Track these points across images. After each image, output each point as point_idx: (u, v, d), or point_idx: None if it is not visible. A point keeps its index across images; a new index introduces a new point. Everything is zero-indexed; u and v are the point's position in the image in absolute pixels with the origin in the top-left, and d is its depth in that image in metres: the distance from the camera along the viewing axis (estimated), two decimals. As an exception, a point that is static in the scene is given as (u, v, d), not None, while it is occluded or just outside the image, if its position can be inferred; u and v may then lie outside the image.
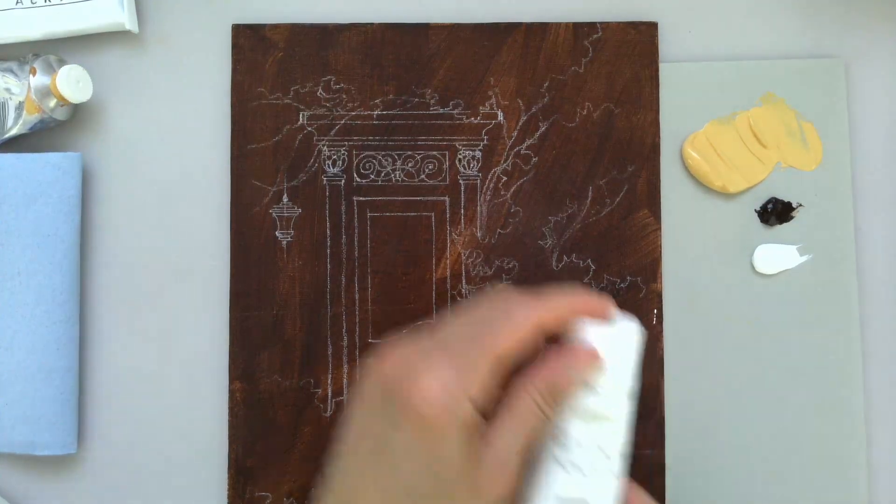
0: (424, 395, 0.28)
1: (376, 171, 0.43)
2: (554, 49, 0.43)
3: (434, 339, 0.30)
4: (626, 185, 0.43)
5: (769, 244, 0.43)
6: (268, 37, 0.43)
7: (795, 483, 0.42)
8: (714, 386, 0.43)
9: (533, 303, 0.30)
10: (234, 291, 0.42)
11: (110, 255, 0.43)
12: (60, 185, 0.42)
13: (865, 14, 0.44)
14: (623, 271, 0.42)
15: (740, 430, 0.42)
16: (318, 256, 0.42)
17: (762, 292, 0.43)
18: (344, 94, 0.43)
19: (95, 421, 0.43)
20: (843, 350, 0.43)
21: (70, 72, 0.41)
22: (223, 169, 0.43)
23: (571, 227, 0.42)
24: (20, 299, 0.41)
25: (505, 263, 0.42)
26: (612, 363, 0.31)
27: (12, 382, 0.41)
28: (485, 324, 0.30)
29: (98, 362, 0.43)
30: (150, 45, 0.44)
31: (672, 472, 0.42)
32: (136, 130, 0.44)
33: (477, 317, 0.31)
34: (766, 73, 0.43)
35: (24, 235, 0.41)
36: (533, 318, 0.30)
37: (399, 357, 0.30)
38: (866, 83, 0.44)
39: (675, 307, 0.43)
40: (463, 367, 0.29)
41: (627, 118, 0.43)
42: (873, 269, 0.43)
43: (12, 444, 0.41)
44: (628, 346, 0.32)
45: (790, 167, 0.43)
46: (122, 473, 0.43)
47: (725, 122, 0.43)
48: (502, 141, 0.43)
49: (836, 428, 0.42)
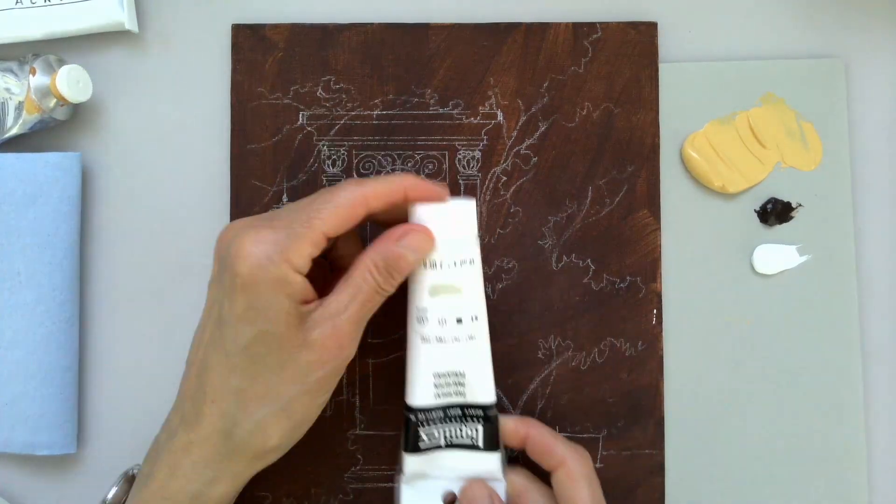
0: (243, 256, 0.32)
1: (376, 170, 0.43)
2: (554, 49, 0.43)
3: (264, 216, 0.34)
4: (626, 185, 0.43)
5: (769, 244, 0.43)
6: (268, 37, 0.43)
7: (795, 483, 0.42)
8: (714, 386, 0.43)
9: (357, 185, 0.34)
10: (234, 291, 0.42)
11: (110, 255, 0.43)
12: (60, 185, 0.42)
13: (865, 14, 0.44)
14: (623, 271, 0.42)
15: (740, 430, 0.42)
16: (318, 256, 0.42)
17: (762, 292, 0.43)
18: (344, 94, 0.43)
19: (95, 421, 0.43)
20: (843, 350, 0.43)
21: (70, 72, 0.41)
22: (223, 169, 0.43)
23: (571, 227, 0.42)
24: (20, 299, 0.41)
25: (505, 263, 0.42)
26: (447, 237, 0.35)
27: (12, 382, 0.41)
28: (310, 203, 0.34)
29: (98, 362, 0.43)
30: (150, 45, 0.44)
31: (672, 472, 0.42)
32: (136, 130, 0.44)
33: (306, 200, 0.34)
34: (766, 73, 0.43)
35: (24, 235, 0.41)
36: (356, 196, 0.33)
37: (231, 228, 0.33)
38: (866, 83, 0.44)
39: (675, 307, 0.43)
40: (283, 235, 0.32)
41: (627, 118, 0.43)
42: (873, 269, 0.43)
43: (12, 444, 0.41)
44: (464, 220, 0.35)
45: (790, 167, 0.43)
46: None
47: (725, 122, 0.43)
48: (502, 141, 0.43)
49: (836, 428, 0.42)
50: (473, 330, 0.36)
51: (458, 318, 0.35)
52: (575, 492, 0.35)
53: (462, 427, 0.37)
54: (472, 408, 0.36)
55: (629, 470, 0.42)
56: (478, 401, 0.36)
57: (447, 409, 0.36)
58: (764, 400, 0.42)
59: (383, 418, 0.41)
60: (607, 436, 0.42)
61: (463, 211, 0.36)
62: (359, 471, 0.42)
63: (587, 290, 0.42)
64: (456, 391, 0.36)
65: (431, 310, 0.35)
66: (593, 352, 0.42)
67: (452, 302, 0.35)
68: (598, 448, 0.42)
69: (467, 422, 0.37)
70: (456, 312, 0.35)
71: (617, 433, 0.42)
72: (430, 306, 0.35)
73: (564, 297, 0.42)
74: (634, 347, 0.42)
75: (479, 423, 0.37)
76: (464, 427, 0.37)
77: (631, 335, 0.42)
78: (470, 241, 0.36)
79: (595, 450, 0.41)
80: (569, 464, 0.36)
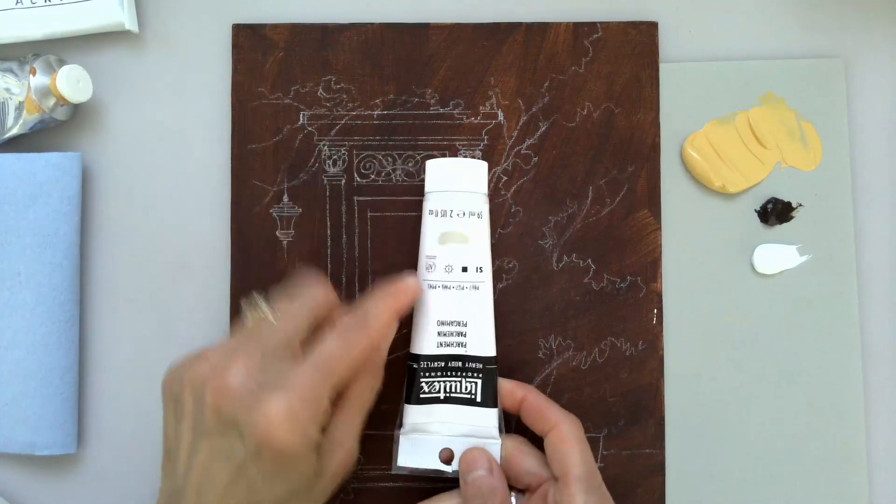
0: (279, 434, 0.32)
1: (377, 170, 0.43)
2: (554, 49, 0.43)
3: (251, 354, 0.34)
4: (626, 185, 0.43)
5: (769, 244, 0.43)
6: (268, 37, 0.43)
7: (795, 483, 0.42)
8: (714, 386, 0.43)
9: (361, 334, 0.34)
10: (234, 291, 0.42)
11: (110, 255, 0.43)
12: (60, 185, 0.42)
13: (865, 14, 0.44)
14: (623, 271, 0.42)
15: (740, 430, 0.42)
16: (318, 256, 0.42)
17: (762, 292, 0.43)
18: (344, 94, 0.43)
19: (95, 421, 0.43)
20: (843, 350, 0.43)
21: (70, 72, 0.41)
22: (223, 169, 0.43)
23: (571, 227, 0.42)
24: (20, 299, 0.41)
25: (505, 263, 0.42)
26: (458, 188, 0.39)
27: (12, 382, 0.41)
28: (326, 362, 0.34)
29: (98, 362, 0.43)
30: (150, 45, 0.44)
31: (672, 472, 0.42)
32: (136, 130, 0.44)
33: (317, 358, 0.34)
34: (766, 73, 0.43)
35: (25, 235, 0.41)
36: (363, 346, 0.34)
37: (232, 381, 0.33)
38: (866, 83, 0.44)
39: (675, 307, 0.43)
40: (312, 406, 0.33)
41: (627, 118, 0.43)
42: (873, 269, 0.43)
43: (12, 444, 0.41)
44: (475, 176, 0.40)
45: (790, 167, 0.43)
46: (122, 473, 0.43)
47: (725, 122, 0.43)
48: (502, 141, 0.43)
49: (836, 428, 0.42)
50: (478, 280, 0.38)
51: (463, 266, 0.38)
52: (566, 454, 0.36)
53: (462, 381, 0.38)
54: (473, 360, 0.38)
55: (629, 470, 0.42)
56: (478, 353, 0.38)
57: (449, 361, 0.38)
58: (764, 400, 0.42)
59: (384, 418, 0.41)
60: (607, 435, 0.42)
61: (475, 167, 0.40)
62: (359, 471, 0.42)
63: (588, 290, 0.42)
64: (457, 342, 0.38)
65: (440, 257, 0.38)
66: (594, 351, 0.42)
67: (459, 250, 0.38)
68: (598, 448, 0.42)
69: (467, 375, 0.38)
70: (462, 261, 0.38)
71: (617, 433, 0.42)
72: (438, 253, 0.38)
73: (565, 297, 0.42)
74: (635, 347, 0.42)
75: (478, 377, 0.38)
76: (463, 381, 0.38)
77: (631, 335, 0.42)
78: (479, 195, 0.39)
79: (595, 449, 0.42)
80: (561, 427, 0.37)
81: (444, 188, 0.39)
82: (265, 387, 0.32)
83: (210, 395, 0.33)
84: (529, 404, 0.38)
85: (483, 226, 0.39)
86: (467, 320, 0.38)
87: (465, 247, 0.38)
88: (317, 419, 0.33)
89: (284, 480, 0.33)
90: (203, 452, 0.33)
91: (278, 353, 0.34)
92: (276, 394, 0.32)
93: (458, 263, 0.38)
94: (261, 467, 0.32)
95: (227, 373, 0.33)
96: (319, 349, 0.34)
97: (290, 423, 0.32)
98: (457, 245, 0.38)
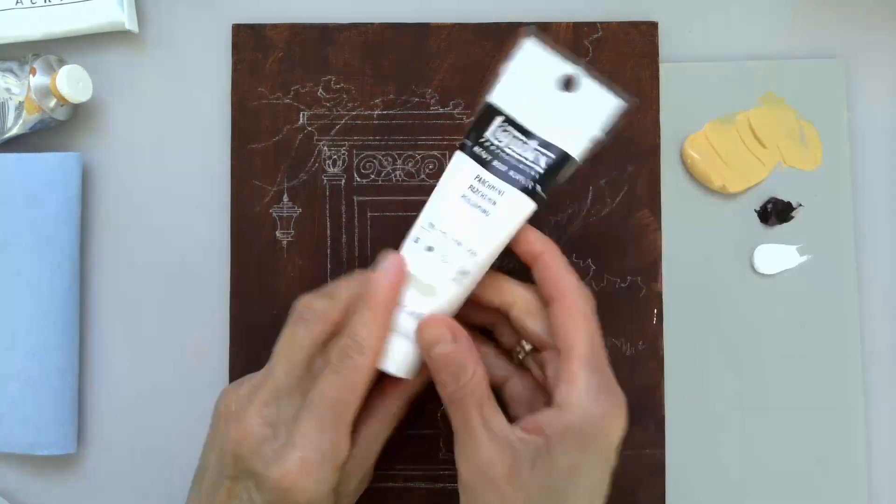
0: (300, 491, 0.32)
1: (377, 170, 0.43)
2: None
3: (265, 400, 0.33)
4: (626, 185, 0.43)
5: (769, 244, 0.43)
6: (268, 37, 0.43)
7: (795, 483, 0.42)
8: (714, 386, 0.43)
9: (357, 362, 0.33)
10: (235, 291, 0.42)
11: (110, 256, 0.43)
12: (60, 185, 0.42)
13: (865, 14, 0.44)
14: (623, 271, 0.42)
15: (740, 430, 0.42)
16: (318, 256, 0.42)
17: (762, 292, 0.43)
18: (344, 93, 0.43)
19: (95, 421, 0.43)
20: (843, 350, 0.43)
21: (70, 72, 0.41)
22: (223, 169, 0.43)
23: (571, 227, 0.42)
24: (20, 299, 0.41)
25: (505, 263, 0.42)
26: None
27: (12, 382, 0.41)
28: (340, 412, 0.33)
29: (98, 362, 0.43)
30: (150, 45, 0.44)
31: (672, 472, 0.42)
32: (136, 130, 0.44)
33: (327, 395, 0.33)
34: (766, 73, 0.43)
35: (25, 236, 0.41)
36: (364, 372, 0.33)
37: (255, 437, 0.33)
38: (866, 83, 0.44)
39: (675, 307, 0.43)
40: (330, 463, 0.33)
41: (627, 118, 0.43)
42: (873, 269, 0.43)
43: (12, 444, 0.41)
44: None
45: (790, 167, 0.43)
46: (122, 473, 0.43)
47: (725, 122, 0.43)
48: (502, 141, 0.43)
49: (836, 428, 0.42)
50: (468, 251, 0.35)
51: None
52: (572, 330, 0.33)
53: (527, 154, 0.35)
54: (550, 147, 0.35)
55: (629, 470, 0.42)
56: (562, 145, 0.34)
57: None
58: (764, 400, 0.42)
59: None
60: (607, 436, 0.42)
61: None
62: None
63: (587, 290, 0.42)
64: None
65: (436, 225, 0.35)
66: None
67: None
68: (598, 448, 0.42)
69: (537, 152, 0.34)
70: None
71: (617, 433, 0.42)
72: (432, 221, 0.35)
73: (565, 297, 0.42)
74: (635, 347, 0.42)
75: (546, 159, 0.34)
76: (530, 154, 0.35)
77: (631, 335, 0.42)
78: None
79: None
80: (570, 298, 0.33)
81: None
82: (279, 436, 0.32)
83: (229, 444, 0.33)
84: (545, 263, 0.34)
85: None
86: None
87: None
88: (336, 463, 0.33)
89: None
90: (223, 492, 0.33)
91: (292, 394, 0.33)
92: (291, 449, 0.32)
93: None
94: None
95: (245, 416, 0.33)
96: (321, 391, 0.33)
97: (308, 477, 0.32)
98: None
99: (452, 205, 0.34)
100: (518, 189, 0.34)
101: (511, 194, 0.34)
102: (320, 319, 0.34)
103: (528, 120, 0.34)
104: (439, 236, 0.34)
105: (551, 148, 0.34)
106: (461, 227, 0.34)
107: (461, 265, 0.34)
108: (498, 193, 0.34)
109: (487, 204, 0.34)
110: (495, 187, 0.34)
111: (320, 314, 0.34)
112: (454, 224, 0.34)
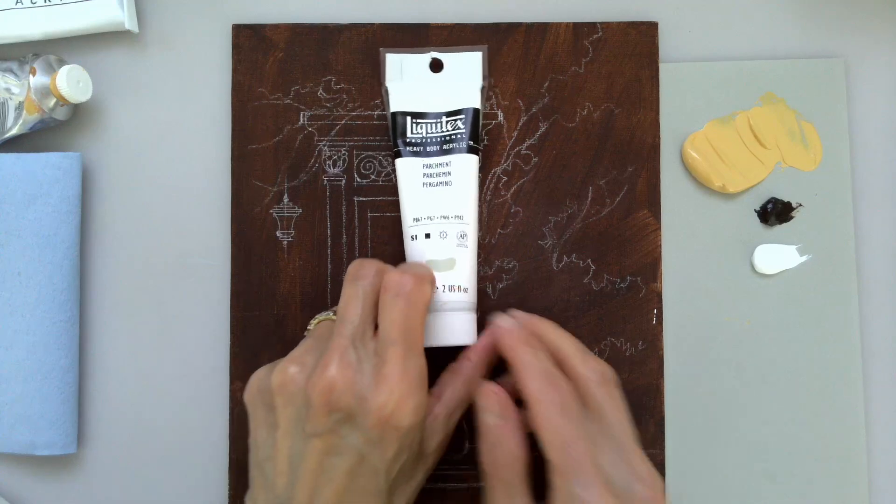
0: (406, 413, 0.33)
1: (377, 171, 0.43)
2: (554, 49, 0.43)
3: (370, 357, 0.35)
4: (626, 185, 0.43)
5: (769, 244, 0.43)
6: (268, 37, 0.43)
7: (795, 483, 0.42)
8: (714, 386, 0.43)
9: (421, 286, 0.36)
10: (235, 291, 0.42)
11: (110, 255, 0.43)
12: (60, 185, 0.42)
13: (865, 14, 0.44)
14: (623, 271, 0.42)
15: (740, 430, 0.42)
16: (318, 256, 0.42)
17: (762, 292, 0.43)
18: (344, 94, 0.43)
19: (95, 421, 0.43)
20: (843, 350, 0.43)
21: (70, 72, 0.41)
22: (223, 169, 0.43)
23: (571, 227, 0.42)
24: (20, 299, 0.41)
25: (505, 263, 0.42)
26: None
27: (12, 382, 0.41)
28: (411, 369, 0.34)
29: (98, 362, 0.43)
30: (150, 45, 0.44)
31: (672, 472, 0.42)
32: (136, 130, 0.44)
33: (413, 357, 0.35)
34: (766, 73, 0.43)
35: (25, 235, 0.41)
36: (426, 296, 0.36)
37: (345, 383, 0.33)
38: (866, 83, 0.44)
39: (675, 307, 0.43)
40: (409, 371, 0.34)
41: (627, 118, 0.43)
42: (873, 269, 0.43)
43: (12, 444, 0.41)
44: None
45: (790, 167, 0.43)
46: (122, 473, 0.43)
47: (725, 122, 0.43)
48: (502, 141, 0.43)
49: (836, 428, 0.42)
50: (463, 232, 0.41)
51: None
52: (543, 442, 0.33)
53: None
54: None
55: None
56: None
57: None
58: (764, 400, 0.43)
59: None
60: (607, 436, 0.42)
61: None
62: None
63: (587, 290, 0.42)
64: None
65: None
66: (594, 351, 0.42)
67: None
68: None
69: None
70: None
71: (617, 433, 0.42)
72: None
73: (565, 297, 0.42)
74: (634, 347, 0.42)
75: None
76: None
77: (631, 335, 0.42)
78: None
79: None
80: (533, 407, 0.34)
81: None
82: (366, 373, 0.33)
83: (317, 396, 0.33)
84: (513, 367, 0.36)
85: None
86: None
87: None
88: (425, 387, 0.34)
89: (398, 460, 0.34)
90: (313, 455, 0.33)
91: (364, 337, 0.35)
92: (384, 379, 0.33)
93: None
94: (382, 451, 0.33)
95: (328, 371, 0.33)
96: (391, 320, 0.35)
97: (407, 400, 0.33)
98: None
99: (421, 194, 0.40)
100: (458, 154, 0.40)
101: (457, 161, 0.40)
102: (376, 273, 0.36)
103: (428, 106, 0.41)
104: (427, 222, 0.40)
105: (458, 113, 0.41)
106: (438, 204, 0.40)
107: (459, 230, 0.39)
108: (447, 165, 0.40)
109: (445, 178, 0.40)
110: (441, 163, 0.40)
111: (375, 269, 0.36)
112: (432, 206, 0.40)
